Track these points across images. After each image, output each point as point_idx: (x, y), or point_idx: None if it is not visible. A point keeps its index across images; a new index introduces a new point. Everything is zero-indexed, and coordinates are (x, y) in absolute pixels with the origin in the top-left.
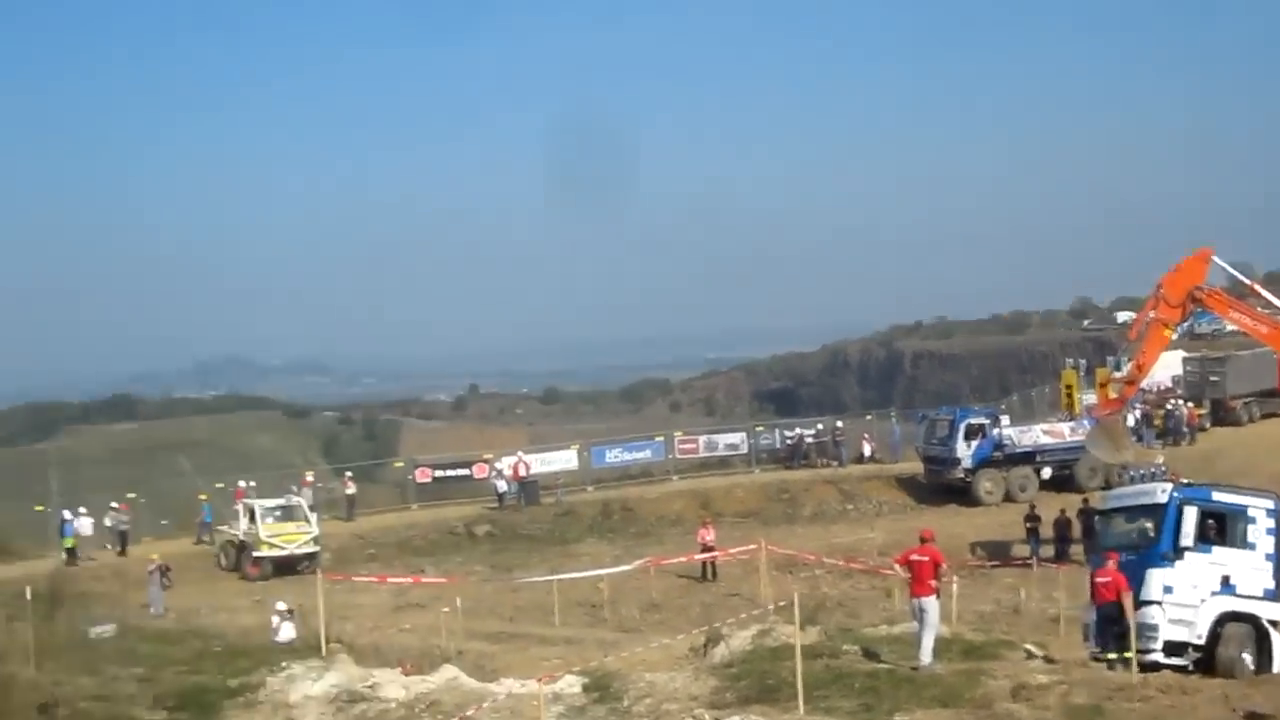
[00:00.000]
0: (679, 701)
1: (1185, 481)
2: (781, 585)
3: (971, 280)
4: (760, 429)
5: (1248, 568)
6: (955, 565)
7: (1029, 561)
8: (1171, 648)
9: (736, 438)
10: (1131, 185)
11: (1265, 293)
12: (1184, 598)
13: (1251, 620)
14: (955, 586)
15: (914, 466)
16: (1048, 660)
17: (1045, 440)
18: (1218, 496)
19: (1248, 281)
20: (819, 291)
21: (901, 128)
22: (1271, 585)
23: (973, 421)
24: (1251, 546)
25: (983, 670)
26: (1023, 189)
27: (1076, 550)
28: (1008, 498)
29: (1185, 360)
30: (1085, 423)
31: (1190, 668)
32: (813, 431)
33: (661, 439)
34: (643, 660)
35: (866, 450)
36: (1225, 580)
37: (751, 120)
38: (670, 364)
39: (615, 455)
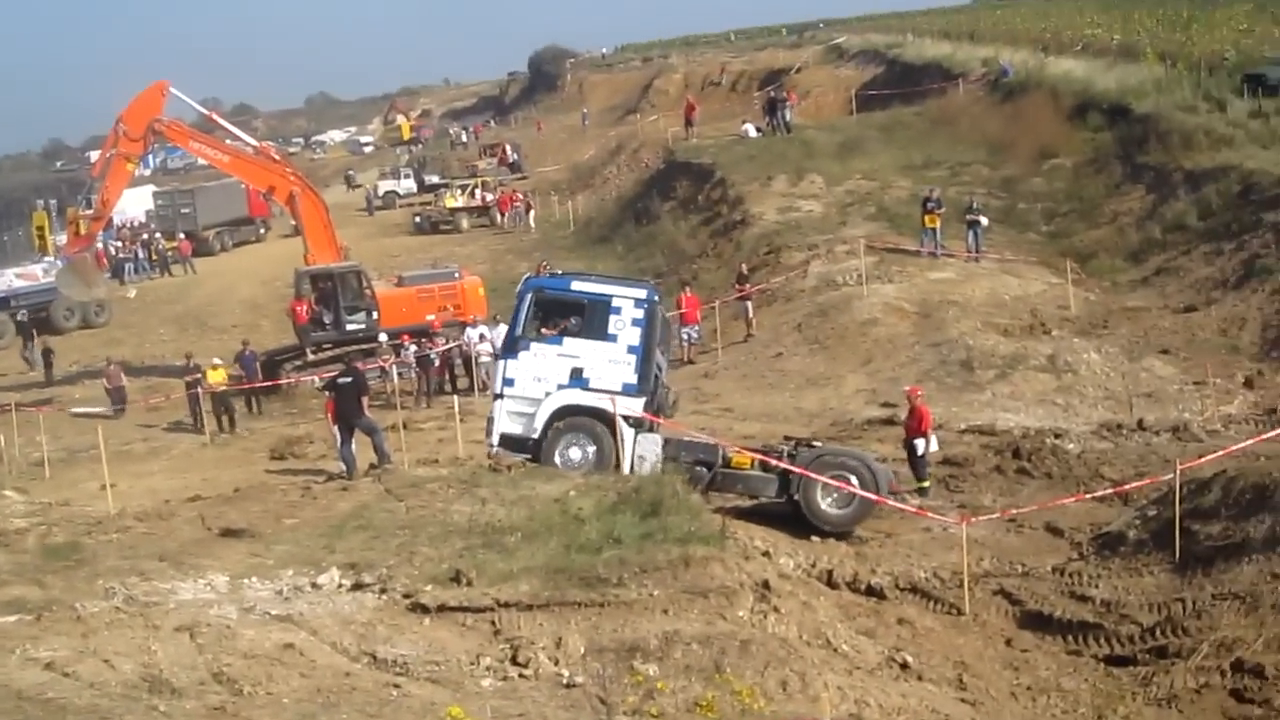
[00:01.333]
0: None
1: (553, 271)
2: None
3: None
4: None
5: (604, 361)
6: None
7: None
8: (509, 441)
9: None
10: (103, 23)
11: (227, 124)
12: (525, 390)
13: (599, 415)
14: None
15: None
16: (31, 504)
17: (19, 284)
18: (577, 286)
19: (208, 113)
20: None
21: None
22: (633, 380)
23: None
24: (612, 339)
25: None
26: None
27: None
28: None
29: (156, 194)
30: (59, 263)
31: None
32: None
33: None
34: None
35: None
36: (577, 373)
37: None
38: None
39: None
